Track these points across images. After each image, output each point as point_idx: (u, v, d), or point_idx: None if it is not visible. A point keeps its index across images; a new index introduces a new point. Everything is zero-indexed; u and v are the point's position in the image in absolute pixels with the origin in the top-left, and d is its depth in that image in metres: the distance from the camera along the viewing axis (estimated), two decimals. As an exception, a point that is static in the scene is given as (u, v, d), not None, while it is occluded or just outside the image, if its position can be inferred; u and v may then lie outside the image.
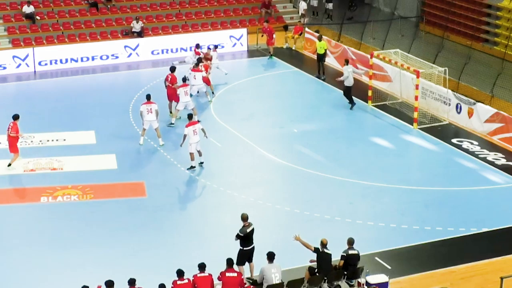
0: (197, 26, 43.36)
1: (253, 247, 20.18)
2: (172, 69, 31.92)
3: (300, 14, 45.60)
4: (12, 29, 41.06)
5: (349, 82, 32.53)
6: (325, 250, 19.41)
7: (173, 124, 30.82)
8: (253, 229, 20.10)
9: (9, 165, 26.86)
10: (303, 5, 45.28)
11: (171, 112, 31.41)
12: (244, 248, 20.07)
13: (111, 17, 42.92)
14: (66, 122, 31.42)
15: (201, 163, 27.16)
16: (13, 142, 26.91)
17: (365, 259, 20.33)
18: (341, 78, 32.63)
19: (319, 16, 46.81)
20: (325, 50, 36.51)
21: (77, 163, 27.68)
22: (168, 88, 31.46)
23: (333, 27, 43.14)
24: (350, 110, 32.61)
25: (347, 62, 33.07)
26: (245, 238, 19.99)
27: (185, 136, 26.61)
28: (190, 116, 27.45)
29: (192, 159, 26.87)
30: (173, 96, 31.22)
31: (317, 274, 19.16)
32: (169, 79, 31.50)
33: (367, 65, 34.13)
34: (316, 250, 19.36)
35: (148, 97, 29.00)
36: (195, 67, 32.67)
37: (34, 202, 24.88)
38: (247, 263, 20.30)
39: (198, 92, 33.00)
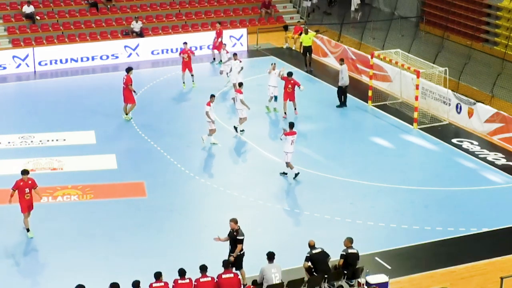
0: (197, 26, 43.37)
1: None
2: (128, 69, 31.34)
3: (353, 9, 45.78)
4: (12, 29, 41.06)
5: (343, 82, 32.86)
6: (313, 251, 19.33)
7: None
8: None
9: None
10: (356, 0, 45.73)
11: (126, 114, 31.31)
12: (242, 252, 20.03)
13: (111, 17, 42.93)
14: (66, 122, 31.42)
15: (297, 173, 26.41)
16: None
17: (365, 259, 20.33)
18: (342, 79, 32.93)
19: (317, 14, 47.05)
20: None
21: (77, 163, 27.68)
22: (124, 90, 31.14)
23: (333, 27, 43.13)
24: (349, 110, 32.65)
25: (342, 61, 33.35)
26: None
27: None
28: (291, 125, 26.56)
29: (291, 167, 26.29)
30: (129, 98, 31.06)
31: (315, 274, 19.15)
32: (124, 80, 31.06)
33: (368, 65, 34.16)
34: (306, 259, 19.29)
35: (212, 96, 28.94)
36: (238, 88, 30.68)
37: (34, 202, 24.81)
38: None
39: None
